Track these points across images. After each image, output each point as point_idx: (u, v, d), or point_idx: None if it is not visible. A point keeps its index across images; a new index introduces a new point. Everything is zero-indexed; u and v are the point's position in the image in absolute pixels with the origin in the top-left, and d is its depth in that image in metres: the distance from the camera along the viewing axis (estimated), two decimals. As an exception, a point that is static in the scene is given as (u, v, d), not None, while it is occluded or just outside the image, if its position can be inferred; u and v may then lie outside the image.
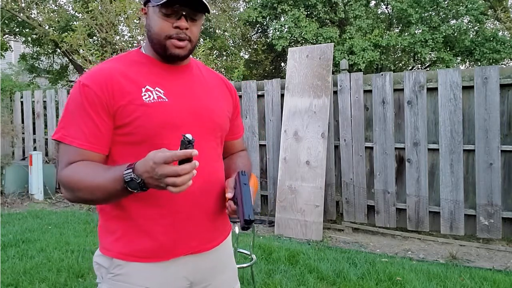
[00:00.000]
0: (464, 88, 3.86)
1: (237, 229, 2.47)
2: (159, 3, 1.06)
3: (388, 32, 10.27)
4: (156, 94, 1.10)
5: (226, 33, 11.36)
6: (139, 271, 1.11)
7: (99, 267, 1.15)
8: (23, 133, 6.82)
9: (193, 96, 1.18)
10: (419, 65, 12.02)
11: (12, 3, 8.77)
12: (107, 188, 0.99)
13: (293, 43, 10.62)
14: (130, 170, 0.94)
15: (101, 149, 1.08)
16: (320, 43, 8.89)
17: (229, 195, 1.12)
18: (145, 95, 1.09)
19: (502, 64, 10.20)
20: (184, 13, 1.08)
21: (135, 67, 1.14)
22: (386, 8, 11.73)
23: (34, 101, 6.69)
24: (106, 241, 1.14)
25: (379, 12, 11.73)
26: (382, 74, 4.24)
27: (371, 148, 4.30)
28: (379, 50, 9.59)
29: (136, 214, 1.11)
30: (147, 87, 1.10)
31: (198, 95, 1.19)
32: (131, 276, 1.10)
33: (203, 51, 6.76)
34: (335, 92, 4.48)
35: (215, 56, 11.07)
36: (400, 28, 11.12)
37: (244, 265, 2.57)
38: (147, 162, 0.91)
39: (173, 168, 0.89)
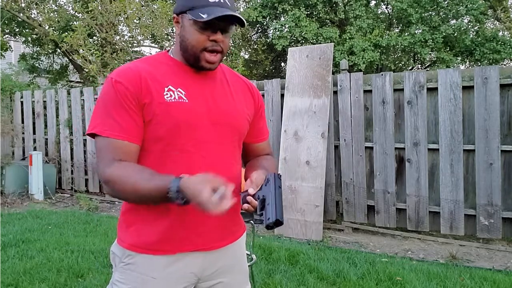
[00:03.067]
0: (464, 88, 3.86)
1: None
2: (200, 20, 1.09)
3: (388, 32, 10.27)
4: (178, 94, 1.15)
5: (226, 33, 11.36)
6: (146, 262, 1.17)
7: (114, 256, 1.23)
8: (23, 133, 6.82)
9: (213, 99, 1.21)
10: (419, 65, 12.02)
11: (12, 3, 8.77)
12: (150, 190, 1.05)
13: (293, 43, 10.62)
14: (177, 184, 1.00)
15: (136, 140, 1.13)
16: (320, 43, 8.90)
17: (251, 191, 1.13)
18: (167, 94, 1.14)
19: (502, 64, 10.20)
20: (221, 28, 1.13)
21: (161, 68, 1.19)
22: (386, 8, 11.72)
23: (34, 101, 6.68)
24: (121, 232, 1.22)
25: (379, 12, 11.73)
26: (382, 74, 4.24)
27: (371, 148, 4.30)
28: (379, 50, 9.58)
29: (146, 208, 1.17)
30: (170, 87, 1.15)
31: (218, 99, 1.22)
32: (139, 266, 1.17)
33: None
34: (335, 92, 4.48)
35: (215, 56, 11.04)
36: (400, 28, 11.12)
37: (244, 265, 2.57)
38: (198, 183, 0.98)
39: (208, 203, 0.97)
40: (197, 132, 1.16)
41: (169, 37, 8.34)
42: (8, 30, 10.36)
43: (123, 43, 7.70)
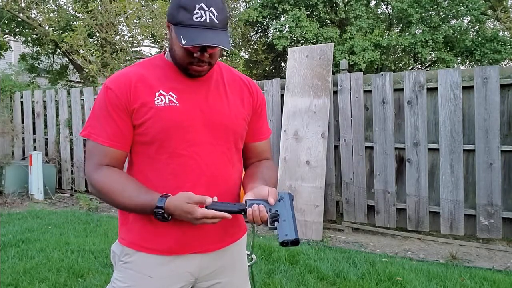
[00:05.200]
0: (464, 88, 3.86)
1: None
2: (184, 46, 1.08)
3: (388, 32, 10.28)
4: (169, 98, 1.17)
5: (226, 33, 11.37)
6: (144, 261, 1.20)
7: (114, 255, 1.26)
8: (23, 133, 6.82)
9: (206, 101, 1.21)
10: (419, 65, 12.01)
11: (12, 3, 8.77)
12: (134, 208, 1.14)
13: (293, 43, 10.62)
14: (162, 211, 1.09)
15: (121, 146, 1.18)
16: (321, 43, 8.90)
17: (271, 201, 1.13)
18: (158, 99, 1.16)
19: (502, 64, 10.19)
20: (206, 48, 1.13)
21: (155, 72, 1.21)
22: (386, 8, 11.72)
23: (34, 101, 6.68)
24: (122, 231, 1.25)
25: (379, 12, 11.73)
26: (382, 74, 4.24)
27: (371, 148, 4.30)
28: (380, 50, 9.59)
29: None
30: (161, 91, 1.17)
31: (212, 100, 1.22)
32: (137, 265, 1.20)
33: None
34: (335, 92, 4.48)
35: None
36: (400, 28, 11.13)
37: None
38: (183, 213, 1.08)
39: (205, 221, 1.09)
40: (189, 135, 1.17)
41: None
42: (8, 30, 10.36)
43: (123, 43, 7.70)
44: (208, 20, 1.08)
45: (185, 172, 1.16)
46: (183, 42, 1.07)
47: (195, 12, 1.07)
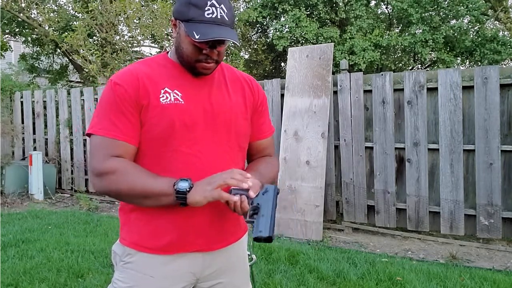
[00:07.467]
0: (464, 88, 3.86)
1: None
2: (197, 41, 1.09)
3: (388, 32, 10.28)
4: (174, 96, 1.17)
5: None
6: (145, 261, 1.19)
7: (115, 255, 1.25)
8: (23, 133, 6.82)
9: (209, 100, 1.22)
10: (419, 65, 12.02)
11: (12, 3, 8.77)
12: (153, 189, 1.09)
13: (293, 43, 10.63)
14: (187, 183, 1.08)
15: (133, 141, 1.15)
16: (321, 43, 8.90)
17: (251, 194, 1.11)
18: (163, 96, 1.16)
19: (502, 64, 10.19)
20: (215, 44, 1.14)
21: (159, 70, 1.21)
22: (386, 8, 11.73)
23: (34, 101, 6.68)
24: (123, 231, 1.24)
25: (379, 12, 11.74)
26: (382, 74, 4.24)
27: (371, 148, 4.30)
28: (380, 50, 9.59)
29: (146, 208, 1.18)
30: (166, 89, 1.17)
31: (215, 99, 1.23)
32: (138, 265, 1.19)
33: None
34: (335, 92, 4.48)
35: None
36: (400, 28, 11.14)
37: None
38: (209, 178, 1.11)
39: (220, 192, 1.09)
40: (192, 133, 1.17)
41: (169, 37, 8.35)
42: (8, 30, 10.37)
43: (123, 43, 7.71)
44: (219, 17, 1.10)
45: (188, 169, 1.16)
46: (197, 37, 1.07)
47: (206, 8, 1.09)
